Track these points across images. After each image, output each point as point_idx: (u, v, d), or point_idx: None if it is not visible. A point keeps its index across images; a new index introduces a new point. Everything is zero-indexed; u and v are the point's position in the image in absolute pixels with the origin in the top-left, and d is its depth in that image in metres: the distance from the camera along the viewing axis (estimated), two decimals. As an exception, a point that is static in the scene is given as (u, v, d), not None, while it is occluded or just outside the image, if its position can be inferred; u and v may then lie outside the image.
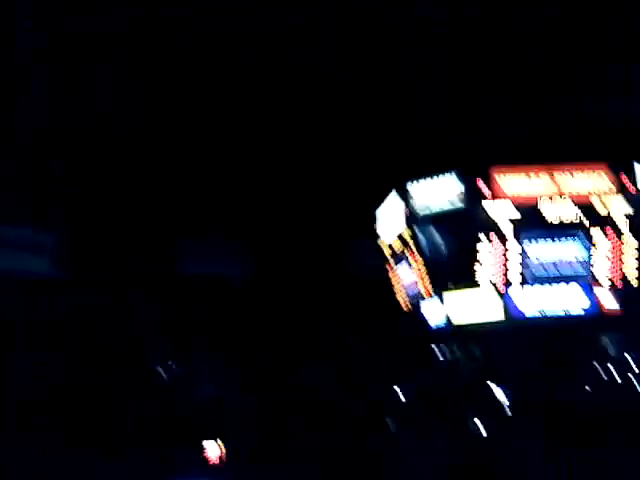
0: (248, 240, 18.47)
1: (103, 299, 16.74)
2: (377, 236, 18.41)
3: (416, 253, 15.78)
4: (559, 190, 14.94)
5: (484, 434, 11.85)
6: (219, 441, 11.32)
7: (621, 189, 15.02)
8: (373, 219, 18.57)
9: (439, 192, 15.21)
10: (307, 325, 17.12)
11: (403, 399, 14.18)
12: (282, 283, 18.25)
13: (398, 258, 17.30)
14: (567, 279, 14.82)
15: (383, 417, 12.73)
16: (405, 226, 15.96)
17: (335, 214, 18.47)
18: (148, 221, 17.62)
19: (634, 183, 15.13)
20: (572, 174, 15.08)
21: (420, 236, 15.54)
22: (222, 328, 17.13)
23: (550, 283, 14.89)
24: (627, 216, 14.89)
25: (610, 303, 14.79)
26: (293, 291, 18.06)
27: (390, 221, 17.15)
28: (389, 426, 12.61)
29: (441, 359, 16.25)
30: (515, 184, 14.96)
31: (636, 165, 15.37)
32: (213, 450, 11.26)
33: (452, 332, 15.38)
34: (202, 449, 11.17)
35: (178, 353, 16.88)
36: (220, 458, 11.20)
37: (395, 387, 14.41)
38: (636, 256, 14.87)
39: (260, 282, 18.28)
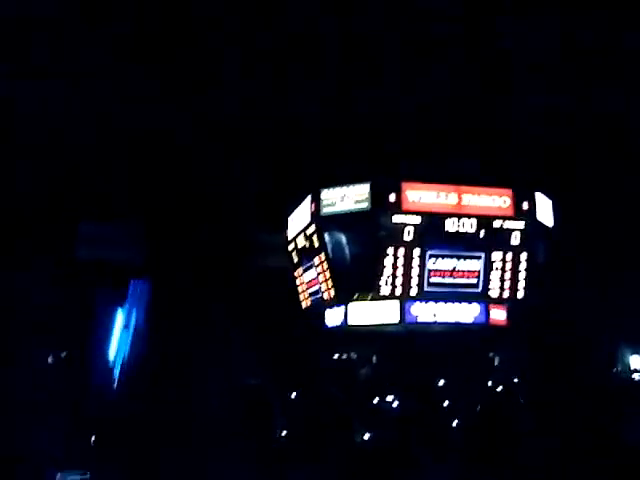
0: (150, 225, 18.21)
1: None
2: (287, 242, 18.65)
3: (322, 255, 16.02)
4: (464, 209, 15.55)
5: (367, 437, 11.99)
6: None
7: (521, 215, 15.82)
8: (284, 225, 18.84)
9: (348, 196, 15.55)
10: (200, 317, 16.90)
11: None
12: (181, 270, 18.01)
13: (305, 264, 17.55)
14: (463, 293, 15.45)
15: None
16: (310, 221, 16.25)
17: (247, 213, 18.59)
18: (47, 203, 17.14)
19: (533, 211, 16.01)
20: (479, 195, 15.74)
21: (325, 236, 15.82)
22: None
23: (447, 298, 15.46)
24: (522, 239, 15.72)
25: (498, 315, 15.74)
26: (190, 279, 17.84)
27: (298, 222, 17.44)
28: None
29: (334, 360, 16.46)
30: (423, 199, 15.43)
31: (537, 195, 16.32)
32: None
33: (346, 332, 15.75)
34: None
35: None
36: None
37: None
38: (525, 275, 15.82)
39: (159, 268, 17.98)
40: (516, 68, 16.00)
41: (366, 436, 11.53)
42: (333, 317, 16.63)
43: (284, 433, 11.77)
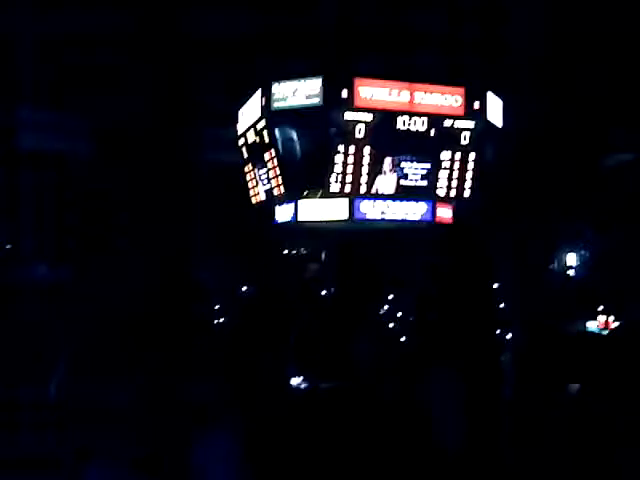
0: (92, 118, 17.65)
1: None
2: (237, 135, 18.41)
3: (272, 151, 15.91)
4: (416, 107, 15.50)
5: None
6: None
7: (472, 114, 15.89)
8: (235, 118, 18.54)
9: (300, 91, 15.29)
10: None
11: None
12: (125, 163, 17.70)
13: (256, 160, 17.42)
14: (411, 191, 15.67)
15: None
16: (260, 115, 16.00)
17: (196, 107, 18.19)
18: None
19: (484, 110, 16.10)
20: (431, 93, 15.67)
21: (276, 132, 15.65)
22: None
23: (396, 196, 15.67)
24: (472, 139, 15.88)
25: (445, 213, 16.14)
26: (135, 174, 17.59)
27: (248, 116, 17.13)
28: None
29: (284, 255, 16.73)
30: (376, 96, 15.28)
31: (489, 94, 16.36)
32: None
33: (295, 227, 15.96)
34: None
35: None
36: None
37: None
38: (472, 175, 16.07)
39: (102, 162, 17.62)
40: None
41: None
42: (283, 213, 16.74)
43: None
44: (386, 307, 15.75)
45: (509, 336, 12.13)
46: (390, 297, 15.18)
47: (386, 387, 9.47)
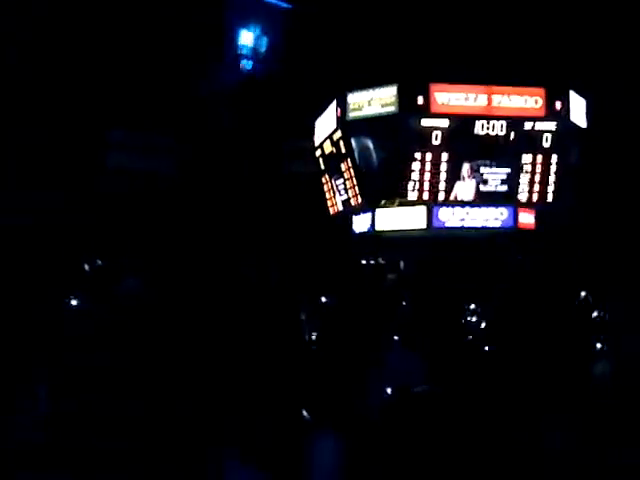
0: (180, 137, 18.16)
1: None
2: (314, 147, 18.47)
3: (349, 161, 15.86)
4: (494, 110, 15.13)
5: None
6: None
7: (554, 116, 15.35)
8: (312, 129, 18.62)
9: (375, 100, 15.21)
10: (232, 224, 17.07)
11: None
12: (211, 179, 18.10)
13: (333, 171, 17.42)
14: (492, 197, 15.26)
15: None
16: (336, 126, 15.99)
17: (273, 120, 18.41)
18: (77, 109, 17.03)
19: (567, 111, 15.51)
20: (509, 95, 15.25)
21: (352, 141, 15.60)
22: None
23: (475, 202, 15.31)
24: (554, 141, 15.29)
25: (527, 218, 15.56)
26: (221, 188, 17.94)
27: (324, 128, 17.17)
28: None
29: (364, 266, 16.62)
30: (452, 101, 15.01)
31: (571, 94, 15.76)
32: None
33: (374, 237, 15.82)
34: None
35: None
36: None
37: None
38: (555, 179, 15.50)
39: (190, 181, 18.07)
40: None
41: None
42: (360, 223, 16.63)
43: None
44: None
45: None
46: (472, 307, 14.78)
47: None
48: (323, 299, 15.22)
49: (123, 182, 17.49)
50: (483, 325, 14.06)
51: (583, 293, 13.60)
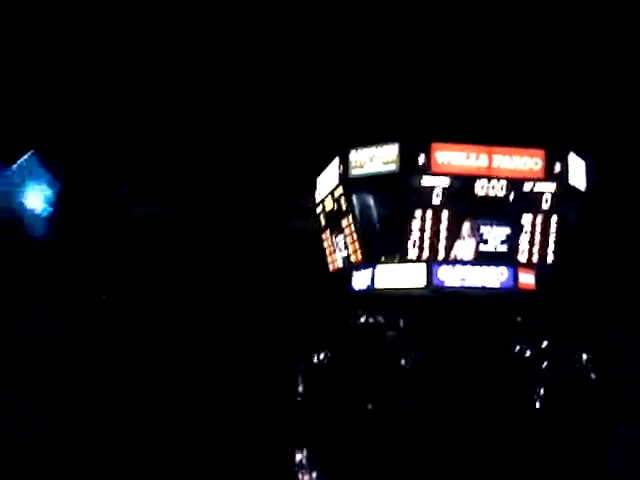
0: (183, 184, 18.34)
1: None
2: (315, 203, 18.59)
3: (350, 218, 15.92)
4: (495, 171, 15.24)
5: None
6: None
7: (553, 177, 15.47)
8: (314, 186, 18.76)
9: (377, 157, 15.34)
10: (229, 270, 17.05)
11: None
12: (210, 227, 18.17)
13: (333, 227, 17.47)
14: (492, 257, 15.26)
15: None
16: (338, 182, 16.11)
17: (277, 176, 18.61)
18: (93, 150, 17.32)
19: (566, 173, 15.63)
20: (510, 156, 15.40)
21: (353, 198, 15.69)
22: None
23: (475, 261, 15.28)
24: (553, 202, 15.39)
25: (527, 279, 15.49)
26: (219, 236, 17.99)
27: (326, 184, 17.30)
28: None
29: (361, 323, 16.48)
30: (453, 160, 15.15)
31: (571, 156, 15.92)
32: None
33: (373, 295, 15.72)
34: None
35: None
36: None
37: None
38: (555, 240, 15.52)
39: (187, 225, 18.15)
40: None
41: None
42: (360, 280, 16.55)
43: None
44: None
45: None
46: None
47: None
48: (320, 355, 15.09)
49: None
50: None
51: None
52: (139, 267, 17.47)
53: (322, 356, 14.17)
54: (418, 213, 14.93)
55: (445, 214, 14.99)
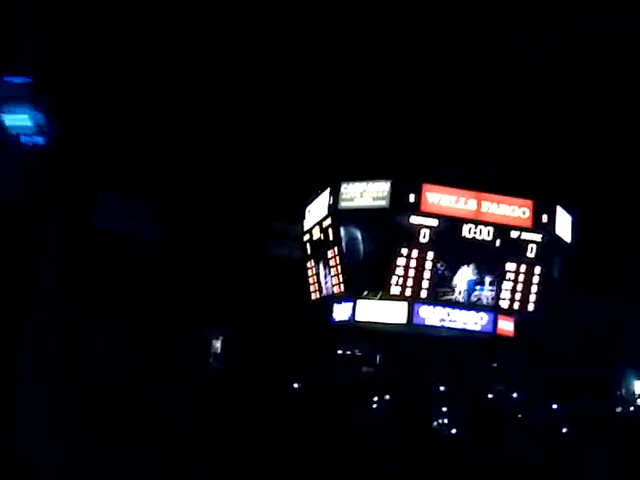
0: (170, 206, 18.30)
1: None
2: (303, 231, 18.64)
3: (336, 248, 15.98)
4: (483, 216, 15.43)
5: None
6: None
7: (540, 228, 15.69)
8: (302, 215, 18.83)
9: (368, 192, 15.49)
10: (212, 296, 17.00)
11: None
12: (196, 253, 18.13)
13: (318, 257, 17.52)
14: (475, 302, 15.38)
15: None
16: (327, 213, 16.21)
17: (264, 200, 18.67)
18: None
19: (553, 225, 15.87)
20: (498, 204, 15.61)
21: (341, 230, 15.78)
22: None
23: (457, 304, 15.37)
24: (538, 252, 15.59)
25: (506, 326, 15.63)
26: (205, 263, 17.95)
27: (315, 214, 17.41)
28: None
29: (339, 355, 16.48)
30: (443, 202, 15.32)
31: (558, 209, 16.17)
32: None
33: (353, 327, 15.76)
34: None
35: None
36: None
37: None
38: (537, 289, 15.66)
39: (174, 250, 18.09)
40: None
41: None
42: (341, 312, 16.59)
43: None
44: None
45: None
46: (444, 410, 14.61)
47: None
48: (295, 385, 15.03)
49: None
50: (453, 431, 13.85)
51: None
52: (121, 289, 17.32)
53: (296, 385, 14.11)
54: (404, 250, 15.06)
55: (430, 254, 15.11)
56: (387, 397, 13.44)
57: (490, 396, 15.17)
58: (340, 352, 16.56)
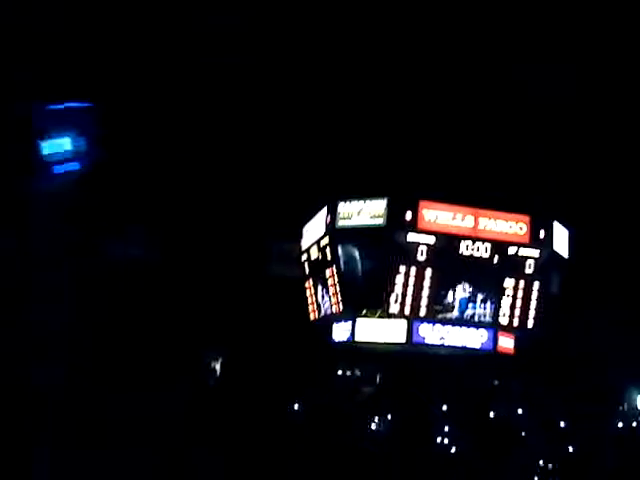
0: (167, 228, 18.24)
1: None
2: (301, 251, 18.58)
3: (334, 267, 15.91)
4: (480, 233, 15.40)
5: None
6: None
7: (537, 243, 15.65)
8: (299, 234, 18.79)
9: (365, 211, 15.47)
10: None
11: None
12: (195, 273, 18.03)
13: (317, 276, 17.44)
14: (473, 319, 15.30)
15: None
16: (324, 232, 16.18)
17: (262, 220, 18.62)
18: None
19: (550, 240, 15.84)
20: (495, 220, 15.58)
21: (339, 249, 15.72)
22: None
23: (456, 321, 15.29)
24: (536, 268, 15.57)
25: (506, 343, 15.52)
26: (202, 285, 17.85)
27: (313, 233, 17.37)
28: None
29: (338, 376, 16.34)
30: (440, 219, 15.29)
31: (555, 224, 16.15)
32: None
33: (352, 347, 15.60)
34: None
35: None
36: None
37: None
38: (536, 305, 15.62)
39: (171, 271, 17.98)
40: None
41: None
42: (340, 331, 16.46)
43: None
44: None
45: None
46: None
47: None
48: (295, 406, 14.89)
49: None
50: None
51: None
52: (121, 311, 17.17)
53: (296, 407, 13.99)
54: (402, 268, 14.99)
55: (429, 271, 15.05)
56: (389, 417, 13.28)
57: (492, 414, 14.98)
58: (340, 372, 16.42)
